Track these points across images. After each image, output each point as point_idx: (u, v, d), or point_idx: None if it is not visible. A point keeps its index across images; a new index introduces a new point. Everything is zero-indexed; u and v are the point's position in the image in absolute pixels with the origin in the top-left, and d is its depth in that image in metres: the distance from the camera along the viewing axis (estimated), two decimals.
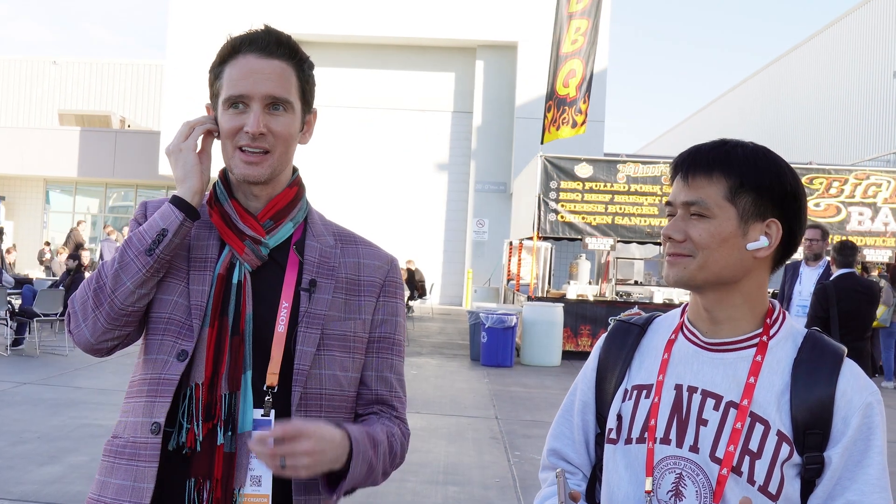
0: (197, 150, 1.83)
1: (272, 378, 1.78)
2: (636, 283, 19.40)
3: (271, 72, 1.82)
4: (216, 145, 1.89)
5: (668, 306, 15.30)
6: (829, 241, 8.84)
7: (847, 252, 7.65)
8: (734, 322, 1.69)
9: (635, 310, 15.16)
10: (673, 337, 1.77)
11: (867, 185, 15.58)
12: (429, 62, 29.93)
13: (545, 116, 16.34)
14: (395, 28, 28.53)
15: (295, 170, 1.97)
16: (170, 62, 28.69)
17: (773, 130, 30.14)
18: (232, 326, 1.78)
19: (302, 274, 1.87)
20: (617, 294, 17.07)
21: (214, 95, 1.87)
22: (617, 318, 1.98)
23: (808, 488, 1.61)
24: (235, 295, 1.80)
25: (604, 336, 1.92)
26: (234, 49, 1.83)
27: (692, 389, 1.67)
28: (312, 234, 1.94)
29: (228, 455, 1.74)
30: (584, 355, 14.87)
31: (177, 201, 1.78)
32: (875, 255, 15.46)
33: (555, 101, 15.95)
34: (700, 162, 1.67)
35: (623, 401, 1.76)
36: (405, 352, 2.05)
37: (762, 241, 1.66)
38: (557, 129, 15.76)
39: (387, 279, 1.97)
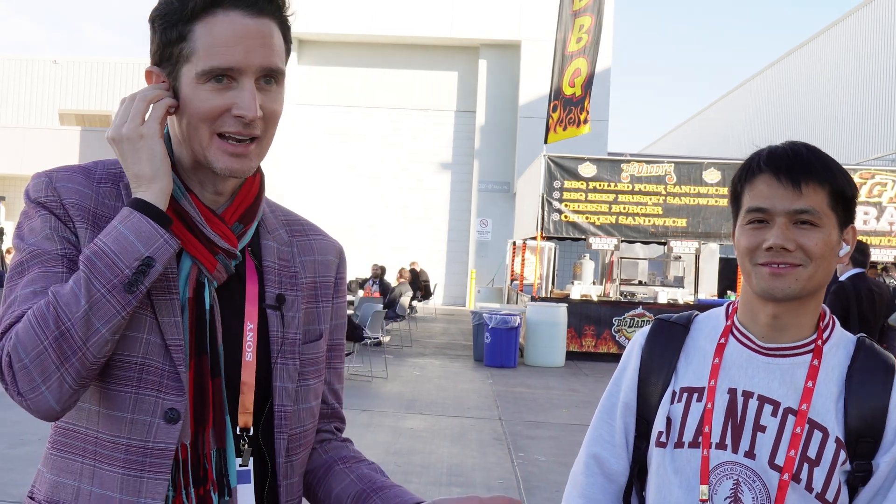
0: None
1: (246, 419, 1.45)
2: (640, 283, 19.36)
3: (264, 36, 1.40)
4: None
5: (672, 307, 15.25)
6: None
7: (867, 252, 7.65)
8: (798, 329, 1.66)
9: (640, 310, 15.13)
10: (723, 340, 1.72)
11: (872, 185, 15.51)
12: (431, 61, 29.90)
13: (549, 116, 16.30)
14: (397, 27, 28.51)
15: None
16: None
17: (777, 129, 30.06)
18: (211, 365, 1.42)
19: (264, 285, 1.52)
20: (621, 294, 17.02)
21: (173, 59, 1.40)
22: (657, 318, 1.89)
23: (853, 495, 1.60)
24: (209, 323, 1.43)
25: (642, 335, 1.86)
26: (213, 1, 1.37)
27: (748, 394, 1.65)
28: (266, 230, 1.56)
29: None
30: (588, 356, 14.87)
31: (153, 212, 1.33)
32: (880, 254, 15.40)
33: (561, 101, 15.90)
34: (810, 168, 1.60)
35: (672, 403, 1.73)
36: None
37: (845, 247, 1.67)
38: (564, 129, 15.70)
39: (338, 276, 1.66)
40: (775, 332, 1.66)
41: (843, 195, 1.61)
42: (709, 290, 18.93)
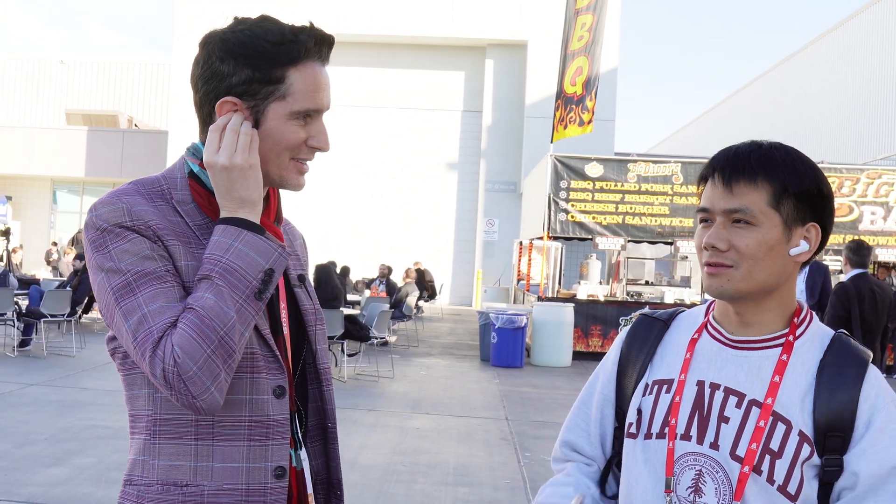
0: None
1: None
2: (647, 283, 19.33)
3: (329, 83, 1.69)
4: None
5: (678, 307, 15.20)
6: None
7: (864, 252, 7.57)
8: (764, 324, 1.67)
9: (646, 310, 15.09)
10: (696, 336, 1.75)
11: (879, 185, 15.49)
12: (438, 61, 29.91)
13: (554, 115, 16.28)
14: (404, 27, 28.53)
15: None
16: (177, 61, 28.73)
17: (784, 129, 30.01)
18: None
19: (287, 270, 1.81)
20: (628, 294, 16.99)
21: (260, 95, 1.61)
22: (641, 312, 1.90)
23: (825, 490, 1.58)
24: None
25: (626, 329, 1.90)
26: (305, 52, 1.63)
27: (714, 386, 1.66)
28: None
29: (301, 473, 1.75)
30: (594, 356, 14.83)
31: (258, 230, 1.59)
32: (887, 254, 15.36)
33: (562, 100, 15.89)
34: (742, 167, 1.61)
35: (643, 395, 1.75)
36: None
37: (803, 245, 1.64)
38: (565, 127, 15.70)
39: (305, 258, 1.97)
40: (743, 327, 1.68)
41: (787, 192, 1.59)
42: None
